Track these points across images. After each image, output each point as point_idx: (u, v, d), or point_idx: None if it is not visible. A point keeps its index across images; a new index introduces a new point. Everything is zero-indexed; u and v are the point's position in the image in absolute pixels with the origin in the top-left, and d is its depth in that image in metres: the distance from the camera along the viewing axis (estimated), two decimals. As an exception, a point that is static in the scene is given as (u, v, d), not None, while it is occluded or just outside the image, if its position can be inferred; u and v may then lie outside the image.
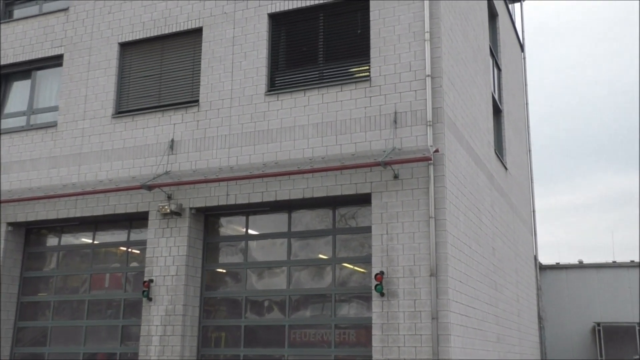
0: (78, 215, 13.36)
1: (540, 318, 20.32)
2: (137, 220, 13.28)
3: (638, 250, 43.86)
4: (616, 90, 64.53)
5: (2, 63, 15.22)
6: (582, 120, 65.00)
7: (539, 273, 21.21)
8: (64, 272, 13.92)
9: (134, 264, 13.26)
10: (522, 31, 21.73)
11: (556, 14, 70.32)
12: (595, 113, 64.79)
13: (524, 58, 22.13)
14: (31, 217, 13.82)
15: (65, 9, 14.80)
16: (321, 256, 11.81)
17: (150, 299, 12.20)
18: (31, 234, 14.48)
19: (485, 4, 15.98)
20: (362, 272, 11.43)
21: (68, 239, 14.11)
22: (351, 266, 11.59)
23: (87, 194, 13.16)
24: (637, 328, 23.63)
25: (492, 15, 17.31)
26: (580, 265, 25.43)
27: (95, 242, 13.78)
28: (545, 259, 31.84)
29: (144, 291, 12.20)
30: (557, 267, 25.65)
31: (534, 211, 20.78)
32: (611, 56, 67.28)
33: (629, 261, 24.84)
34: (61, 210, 13.52)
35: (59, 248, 14.14)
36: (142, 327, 12.19)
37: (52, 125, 14.21)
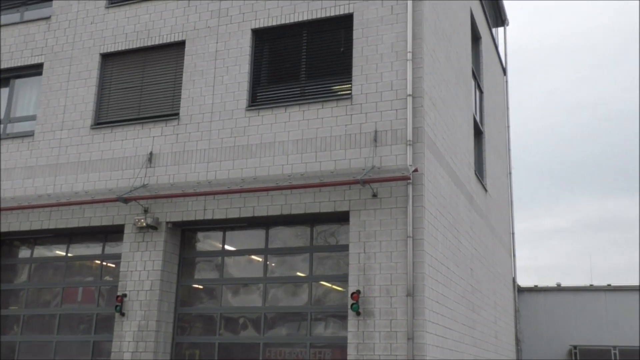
0: (52, 227, 13.13)
1: (517, 340, 20.28)
2: (113, 233, 13.07)
3: (639, 272, 44.46)
4: (597, 115, 65.38)
5: (-20, 71, 15.03)
6: (563, 144, 65.68)
7: (517, 295, 21.22)
8: (36, 285, 13.65)
9: (108, 278, 13.03)
10: (505, 54, 21.95)
11: (539, 38, 71.32)
12: (576, 137, 65.54)
13: (506, 81, 22.33)
14: (4, 228, 13.55)
15: (47, 18, 14.66)
16: (298, 274, 11.69)
17: (123, 314, 11.98)
18: (3, 245, 14.19)
19: (468, 27, 16.10)
20: (339, 290, 11.32)
21: (41, 251, 13.85)
22: (328, 284, 11.48)
23: (62, 206, 12.95)
24: (613, 351, 23.72)
25: (475, 38, 17.44)
26: (558, 288, 25.55)
27: (69, 254, 13.54)
28: (524, 281, 31.94)
29: (116, 306, 11.98)
30: (535, 289, 25.73)
31: (513, 233, 20.84)
32: (593, 81, 68.24)
33: (605, 285, 25.02)
34: (35, 222, 13.29)
35: (31, 260, 13.87)
36: (114, 343, 11.95)
37: (29, 134, 14.01)
